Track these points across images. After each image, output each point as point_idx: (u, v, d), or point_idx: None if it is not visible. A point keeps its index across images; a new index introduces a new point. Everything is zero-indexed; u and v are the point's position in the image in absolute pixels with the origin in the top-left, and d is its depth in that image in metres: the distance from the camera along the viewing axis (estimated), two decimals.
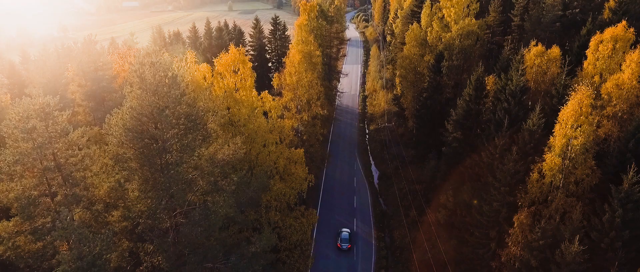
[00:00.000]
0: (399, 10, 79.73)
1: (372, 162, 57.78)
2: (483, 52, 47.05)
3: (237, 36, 71.81)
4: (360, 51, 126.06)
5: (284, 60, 39.03)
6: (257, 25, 70.62)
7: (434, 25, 48.30)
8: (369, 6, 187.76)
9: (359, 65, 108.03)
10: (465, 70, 47.02)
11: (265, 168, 24.71)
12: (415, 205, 43.85)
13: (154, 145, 14.63)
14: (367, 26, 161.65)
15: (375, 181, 53.18)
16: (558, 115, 25.48)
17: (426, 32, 50.18)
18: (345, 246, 37.44)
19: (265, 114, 28.40)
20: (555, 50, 31.80)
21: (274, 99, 28.95)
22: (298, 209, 29.26)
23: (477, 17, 47.85)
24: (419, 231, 39.86)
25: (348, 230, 39.47)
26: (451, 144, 38.73)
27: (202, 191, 17.14)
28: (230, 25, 77.36)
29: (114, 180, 15.21)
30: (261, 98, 27.40)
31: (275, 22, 69.42)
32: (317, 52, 43.53)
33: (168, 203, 15.13)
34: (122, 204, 15.87)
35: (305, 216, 29.10)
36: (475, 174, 32.98)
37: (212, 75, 24.53)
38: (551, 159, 24.14)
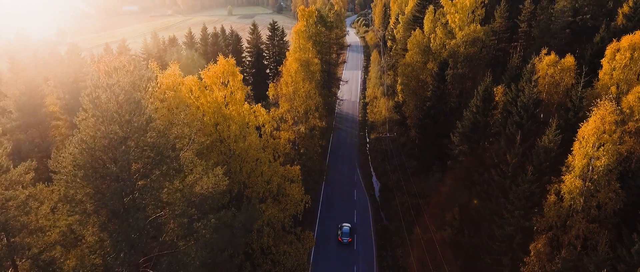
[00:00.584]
0: (400, 16, 77.90)
1: (373, 174, 55.58)
2: (489, 59, 45.01)
3: (234, 42, 69.89)
4: (361, 56, 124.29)
5: (280, 69, 36.98)
6: (254, 30, 68.75)
7: (438, 31, 46.31)
8: (369, 11, 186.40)
9: (360, 71, 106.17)
10: (470, 78, 45.02)
11: (257, 190, 22.56)
12: (419, 221, 41.60)
13: (113, 184, 12.40)
14: (367, 31, 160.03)
15: (376, 193, 50.96)
16: (577, 131, 23.41)
17: (429, 38, 48.18)
18: (346, 239, 38.78)
19: (259, 128, 26.38)
20: (569, 60, 29.73)
21: (268, 112, 26.81)
22: (293, 231, 27.09)
23: (482, 23, 45.93)
24: (423, 249, 37.60)
25: (349, 224, 40.88)
26: (457, 157, 36.60)
27: (173, 235, 14.86)
28: (230, 30, 75.54)
29: (64, 225, 12.88)
30: (254, 112, 25.29)
31: (273, 27, 67.58)
32: (316, 60, 41.51)
33: (128, 254, 12.83)
34: (75, 255, 13.56)
35: (302, 239, 26.92)
36: (484, 191, 30.79)
37: (201, 88, 22.45)
38: (571, 181, 21.98)
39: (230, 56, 66.98)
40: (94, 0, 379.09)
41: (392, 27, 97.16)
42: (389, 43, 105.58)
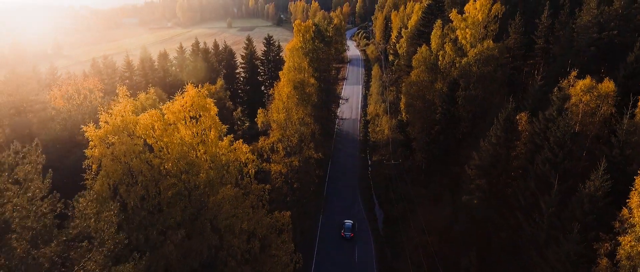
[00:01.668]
0: (403, 29, 74.03)
1: (376, 202, 50.70)
2: (504, 79, 40.68)
3: (227, 57, 65.99)
4: (361, 70, 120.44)
5: (271, 91, 32.57)
6: (249, 45, 64.90)
7: (447, 48, 42.12)
8: (370, 23, 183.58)
9: (360, 86, 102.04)
10: (483, 99, 40.65)
11: (234, 251, 17.91)
12: (429, 263, 36.72)
13: None
14: (368, 44, 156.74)
15: (380, 225, 46.07)
16: (625, 173, 18.87)
17: (437, 55, 43.97)
18: (348, 234, 40.05)
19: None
20: (608, 85, 25.32)
21: (251, 148, 22.28)
22: None
23: (495, 39, 41.81)
24: None
25: (351, 221, 41.94)
26: (473, 192, 31.96)
27: None
28: (223, 44, 71.65)
29: None
30: (234, 149, 20.77)
31: (268, 42, 63.73)
32: (312, 80, 37.25)
33: None
34: None
35: None
36: (510, 239, 26.09)
37: (164, 127, 17.95)
38: (631, 244, 17.30)
39: (223, 73, 62.34)
40: (95, 12, 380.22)
41: (394, 41, 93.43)
42: (390, 57, 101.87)
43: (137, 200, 15.44)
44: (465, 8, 41.97)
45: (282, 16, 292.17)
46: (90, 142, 15.29)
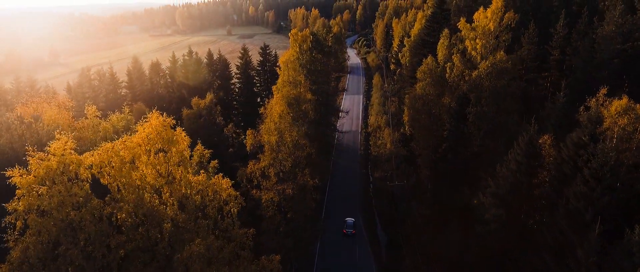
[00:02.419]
0: (405, 38, 71.03)
1: (378, 223, 47.11)
2: (518, 94, 37.36)
3: (221, 68, 62.71)
4: (362, 79, 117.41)
5: (261, 110, 29.31)
6: (244, 55, 61.80)
7: (455, 60, 38.89)
8: (371, 31, 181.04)
9: (361, 96, 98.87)
10: (496, 116, 37.29)
11: None
12: None
13: None
14: (368, 52, 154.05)
15: (383, 250, 42.48)
16: None
17: (444, 67, 40.73)
18: (350, 231, 41.35)
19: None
20: None
21: (234, 183, 18.91)
22: None
23: (507, 50, 38.62)
24: None
25: (353, 219, 43.22)
26: (488, 223, 28.47)
27: None
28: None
29: None
30: (213, 185, 17.37)
31: (264, 52, 60.66)
32: (309, 96, 33.93)
33: None
34: None
35: None
36: None
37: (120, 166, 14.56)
38: None
39: (217, 83, 58.49)
40: (95, 19, 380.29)
41: (396, 50, 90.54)
42: (392, 66, 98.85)
43: (80, 262, 12.06)
44: (474, 16, 38.84)
45: (282, 24, 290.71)
46: (17, 190, 11.97)
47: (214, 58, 64.67)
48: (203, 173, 17.47)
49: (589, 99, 25.86)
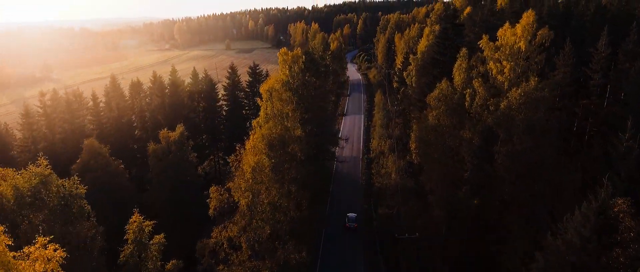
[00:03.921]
0: (410, 55, 64.62)
1: None
2: (557, 128, 30.49)
3: (206, 89, 56.09)
4: (363, 97, 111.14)
5: (230, 159, 22.31)
6: (231, 75, 55.34)
7: (476, 85, 32.18)
8: (372, 45, 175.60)
9: (362, 116, 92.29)
10: (532, 156, 30.28)
11: None
12: None
13: None
14: (370, 67, 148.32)
15: None
16: None
17: (463, 94, 33.99)
18: (352, 225, 41.72)
19: None
20: None
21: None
22: None
23: (539, 73, 31.94)
24: None
25: (355, 214, 43.54)
26: None
27: None
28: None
29: None
30: None
31: (253, 71, 54.24)
32: (298, 132, 27.02)
33: None
34: None
35: None
36: None
37: None
38: None
39: (201, 106, 50.99)
40: (93, 34, 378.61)
41: (399, 67, 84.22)
42: (395, 84, 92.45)
43: None
44: (498, 33, 32.26)
45: (281, 38, 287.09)
46: None
47: (200, 77, 58.22)
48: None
49: None
